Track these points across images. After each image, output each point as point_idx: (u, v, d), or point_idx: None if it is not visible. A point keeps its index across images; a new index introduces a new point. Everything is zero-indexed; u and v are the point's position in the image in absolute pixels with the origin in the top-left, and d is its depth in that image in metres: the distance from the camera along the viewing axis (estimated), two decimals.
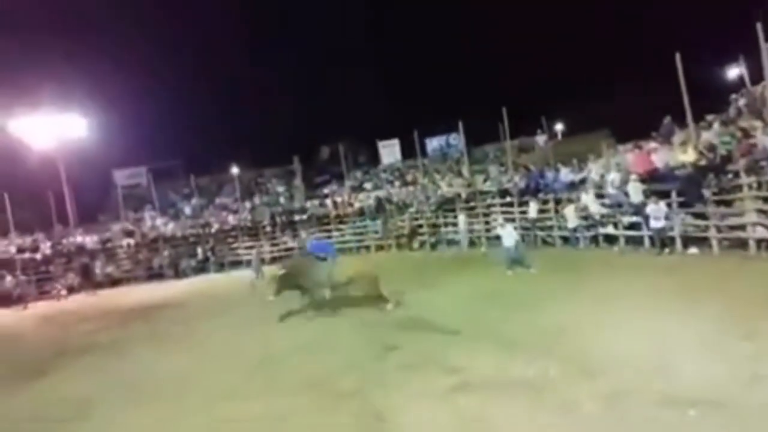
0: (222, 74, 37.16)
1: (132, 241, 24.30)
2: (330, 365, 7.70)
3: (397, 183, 27.35)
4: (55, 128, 26.22)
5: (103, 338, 11.91)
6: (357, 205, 24.46)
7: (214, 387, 7.45)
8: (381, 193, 24.86)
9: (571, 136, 33.84)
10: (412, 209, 22.52)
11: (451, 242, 20.69)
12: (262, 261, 20.65)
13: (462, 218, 19.57)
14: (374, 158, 31.82)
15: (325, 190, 30.37)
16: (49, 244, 23.85)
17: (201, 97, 35.74)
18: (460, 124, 24.92)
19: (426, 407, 5.92)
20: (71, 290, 21.58)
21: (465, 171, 24.42)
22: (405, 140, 27.67)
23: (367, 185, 29.11)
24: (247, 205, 28.23)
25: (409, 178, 27.61)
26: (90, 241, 24.30)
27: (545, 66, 37.65)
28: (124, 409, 7.04)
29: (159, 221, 26.80)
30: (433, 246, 21.16)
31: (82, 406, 7.28)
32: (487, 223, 19.47)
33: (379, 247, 22.69)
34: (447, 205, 21.36)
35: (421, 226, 21.85)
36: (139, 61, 32.43)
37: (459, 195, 21.07)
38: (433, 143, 29.87)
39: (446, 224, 21.22)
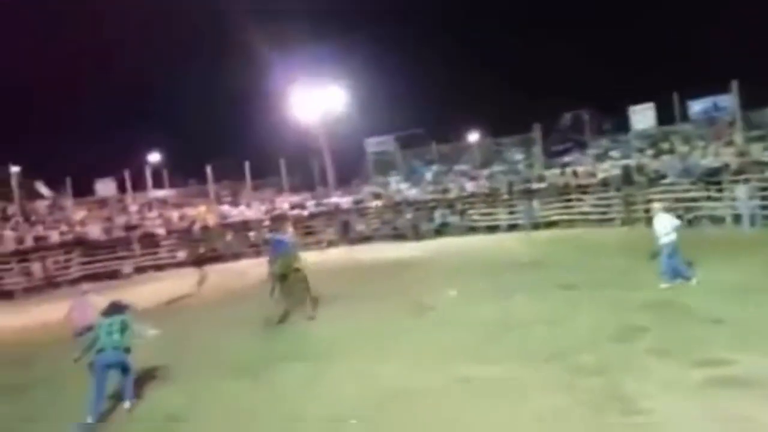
0: (467, 45, 37.54)
1: (379, 203, 26.51)
2: (572, 339, 7.50)
3: (649, 152, 24.74)
4: (320, 102, 29.74)
5: (352, 290, 13.01)
6: (600, 175, 22.85)
7: (452, 348, 7.80)
8: (630, 163, 22.78)
9: None
10: (666, 181, 20.20)
11: (715, 219, 18.10)
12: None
13: (743, 190, 16.70)
14: (622, 124, 29.08)
15: (566, 159, 28.95)
16: (313, 202, 27.46)
17: (446, 68, 36.73)
18: (734, 84, 21.32)
19: (676, 398, 5.44)
20: (330, 244, 24.58)
21: (738, 138, 20.96)
22: (661, 104, 24.67)
23: (614, 154, 26.90)
24: (485, 172, 28.48)
25: (664, 146, 24.73)
26: (345, 201, 27.23)
27: None
28: (365, 356, 7.84)
29: (403, 186, 28.71)
30: (690, 223, 18.74)
31: (330, 347, 8.35)
32: (764, 199, 16.54)
33: (625, 222, 20.87)
34: (710, 177, 18.66)
35: (677, 200, 19.46)
36: (389, 38, 34.49)
37: (727, 165, 18.22)
38: (696, 106, 26.01)
39: (708, 198, 18.59)
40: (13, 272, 20.55)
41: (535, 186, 24.12)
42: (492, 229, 23.63)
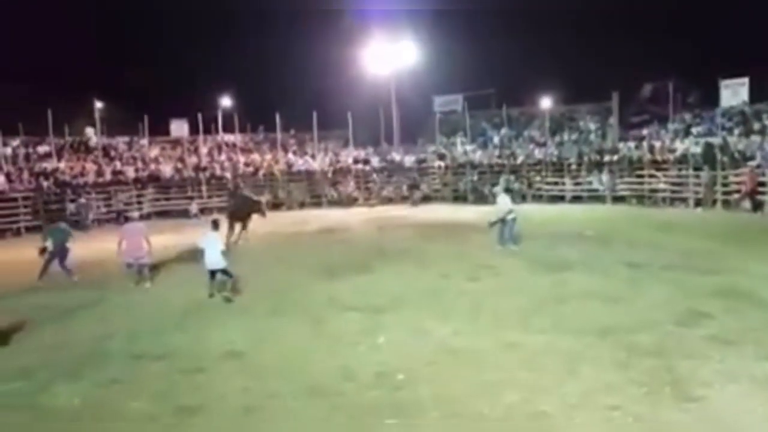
0: (545, 6, 35.62)
1: (443, 164, 26.16)
2: (630, 318, 7.29)
3: (736, 130, 23.13)
4: (392, 56, 29.33)
5: (412, 247, 13.38)
6: (679, 151, 21.63)
7: (506, 313, 7.78)
8: (714, 141, 21.38)
9: None
10: (752, 163, 18.86)
11: None
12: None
13: None
14: (708, 99, 27.11)
15: (643, 131, 27.55)
16: (377, 158, 27.45)
17: (522, 29, 35.14)
18: None
19: (735, 390, 5.23)
20: (389, 201, 24.60)
21: None
22: (758, 79, 22.70)
23: (696, 130, 25.35)
24: (555, 140, 27.58)
25: (755, 125, 23.01)
26: (408, 160, 27.07)
27: None
28: (421, 313, 7.93)
29: (468, 148, 28.22)
30: None
31: (388, 301, 8.50)
32: None
33: (699, 203, 19.73)
34: None
35: (762, 184, 18.18)
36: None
37: None
38: None
39: None
40: (92, 203, 21.82)
41: (607, 158, 23.16)
42: (557, 199, 23.00)
